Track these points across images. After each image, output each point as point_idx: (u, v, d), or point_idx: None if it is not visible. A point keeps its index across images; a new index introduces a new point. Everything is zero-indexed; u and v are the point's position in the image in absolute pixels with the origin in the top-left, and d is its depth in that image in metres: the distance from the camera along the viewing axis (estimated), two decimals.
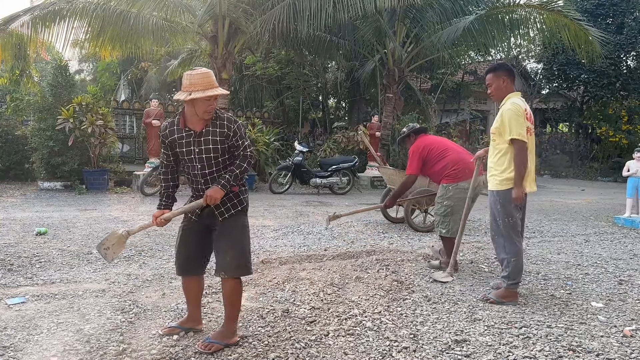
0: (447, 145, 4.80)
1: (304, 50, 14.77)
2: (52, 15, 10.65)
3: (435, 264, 4.68)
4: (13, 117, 11.79)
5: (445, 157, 4.65)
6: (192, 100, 2.70)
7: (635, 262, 5.17)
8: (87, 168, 10.42)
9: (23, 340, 2.89)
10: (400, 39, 13.54)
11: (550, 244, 6.12)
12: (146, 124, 11.18)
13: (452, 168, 4.57)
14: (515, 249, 3.66)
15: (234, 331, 2.92)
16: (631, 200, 7.89)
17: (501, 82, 3.75)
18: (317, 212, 8.28)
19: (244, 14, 11.80)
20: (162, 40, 12.64)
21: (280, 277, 4.23)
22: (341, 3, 10.90)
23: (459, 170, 4.53)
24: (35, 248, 5.15)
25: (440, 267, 4.59)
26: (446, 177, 4.59)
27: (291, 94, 17.20)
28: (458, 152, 4.71)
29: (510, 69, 3.83)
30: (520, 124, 3.55)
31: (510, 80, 3.76)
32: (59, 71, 10.84)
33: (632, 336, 3.12)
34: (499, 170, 3.67)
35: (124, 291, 3.83)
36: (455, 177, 4.54)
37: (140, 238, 5.84)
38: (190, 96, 2.67)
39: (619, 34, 17.39)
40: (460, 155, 4.66)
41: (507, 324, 3.28)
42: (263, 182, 12.03)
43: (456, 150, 4.75)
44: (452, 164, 4.58)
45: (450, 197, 4.54)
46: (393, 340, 2.98)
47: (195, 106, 2.72)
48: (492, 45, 14.33)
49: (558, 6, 11.50)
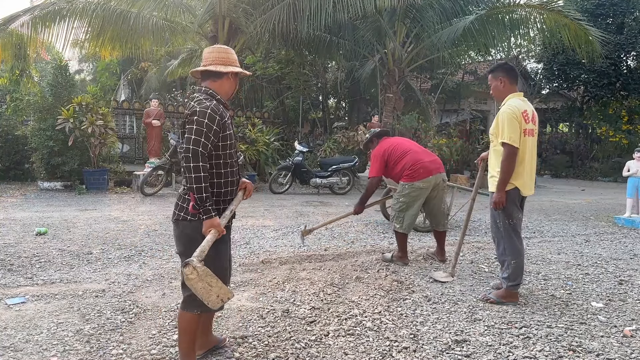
0: (407, 147, 4.95)
1: (304, 50, 14.77)
2: (52, 15, 10.65)
3: (388, 256, 4.89)
4: (13, 117, 11.78)
5: (404, 158, 4.82)
6: (233, 76, 2.48)
7: (635, 262, 5.17)
8: (87, 168, 10.42)
9: (23, 340, 2.89)
10: (400, 39, 13.54)
11: (550, 244, 6.12)
12: (146, 124, 11.18)
13: (409, 168, 4.75)
14: (516, 251, 3.65)
15: None
16: (631, 200, 7.89)
17: (499, 82, 3.72)
18: (317, 212, 8.28)
19: (244, 14, 11.80)
20: (162, 40, 12.65)
21: (280, 277, 4.24)
22: (341, 3, 10.90)
23: (415, 171, 4.72)
24: (35, 248, 5.15)
25: (391, 260, 4.83)
26: (405, 176, 4.78)
27: (291, 94, 17.20)
28: (416, 153, 4.87)
29: (510, 68, 3.77)
30: (513, 127, 3.49)
31: (509, 80, 3.71)
32: (59, 71, 10.83)
33: (632, 336, 3.12)
34: (499, 172, 3.66)
35: (124, 291, 3.83)
36: (412, 177, 4.73)
37: (140, 238, 5.84)
38: (238, 70, 2.45)
39: (619, 34, 17.38)
40: (418, 156, 4.82)
41: (507, 324, 3.28)
42: (263, 182, 12.03)
43: (415, 151, 4.89)
44: (410, 164, 4.76)
45: (406, 195, 4.75)
46: (393, 340, 2.98)
47: (230, 84, 2.49)
48: (492, 45, 14.31)
49: (558, 6, 11.48)
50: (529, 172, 3.65)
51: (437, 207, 4.91)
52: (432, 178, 4.72)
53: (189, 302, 2.40)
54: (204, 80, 2.51)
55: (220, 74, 2.44)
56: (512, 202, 3.62)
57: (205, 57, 2.50)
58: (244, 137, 11.84)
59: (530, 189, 3.69)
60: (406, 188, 4.74)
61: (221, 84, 2.48)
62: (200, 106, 2.30)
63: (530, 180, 3.67)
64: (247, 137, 11.83)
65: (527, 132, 3.58)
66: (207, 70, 2.46)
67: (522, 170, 3.60)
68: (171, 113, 15.20)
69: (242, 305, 3.55)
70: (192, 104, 2.36)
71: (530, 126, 3.62)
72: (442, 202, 4.94)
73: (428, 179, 4.69)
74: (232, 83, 2.52)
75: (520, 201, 3.71)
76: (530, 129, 3.62)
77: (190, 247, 2.30)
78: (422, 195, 4.74)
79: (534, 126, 3.66)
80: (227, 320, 3.26)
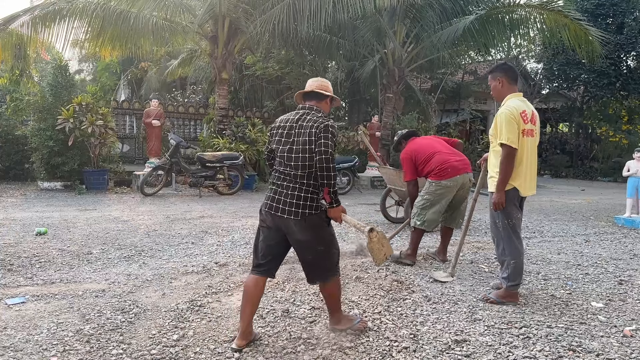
0: (434, 148, 4.96)
1: (304, 50, 14.77)
2: (52, 15, 10.65)
3: (396, 254, 4.84)
4: (13, 117, 11.78)
5: (432, 160, 4.84)
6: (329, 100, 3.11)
7: (635, 262, 5.17)
8: (87, 168, 10.42)
9: (23, 340, 2.89)
10: (400, 39, 13.54)
11: (550, 244, 6.12)
12: (146, 124, 11.17)
13: (438, 168, 4.77)
14: (516, 251, 3.64)
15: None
16: (631, 200, 7.89)
17: (497, 83, 3.71)
18: None
19: (244, 14, 11.81)
20: (162, 40, 12.65)
21: (280, 277, 4.23)
22: (341, 3, 10.89)
23: (443, 170, 4.74)
24: (35, 248, 5.15)
25: (399, 258, 4.80)
26: (432, 175, 4.81)
27: (291, 94, 17.18)
28: (444, 154, 4.89)
29: (508, 68, 3.75)
30: (511, 128, 3.46)
31: (508, 80, 3.68)
32: (59, 71, 10.84)
33: (632, 336, 3.12)
34: (497, 172, 3.66)
35: (124, 291, 3.83)
36: (440, 176, 4.74)
37: (140, 238, 5.84)
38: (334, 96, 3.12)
39: (619, 34, 17.37)
40: (446, 157, 4.84)
41: (507, 324, 3.28)
42: (263, 182, 12.02)
43: (442, 152, 4.91)
44: (438, 165, 4.78)
45: (431, 192, 4.76)
46: (393, 340, 2.98)
47: (327, 106, 3.11)
48: (492, 45, 14.31)
49: (558, 6, 11.49)
50: (529, 173, 3.63)
51: (457, 205, 4.91)
52: (460, 177, 4.72)
53: (335, 268, 3.01)
54: (307, 100, 3.07)
55: (323, 95, 3.06)
56: (511, 202, 3.61)
57: (310, 85, 3.10)
58: (244, 137, 11.84)
59: (530, 189, 3.67)
60: (432, 185, 4.75)
61: (322, 105, 3.06)
62: (328, 122, 2.88)
63: (529, 181, 3.65)
64: (247, 137, 11.82)
65: (526, 132, 3.56)
66: (314, 92, 3.06)
67: (521, 171, 3.58)
68: (171, 113, 15.21)
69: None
70: (314, 118, 2.89)
71: (530, 126, 3.59)
72: (463, 201, 4.94)
73: (455, 178, 4.70)
74: (328, 106, 3.13)
75: (519, 201, 3.69)
76: (530, 130, 3.59)
77: (319, 232, 2.90)
78: (448, 193, 4.74)
79: (533, 126, 3.63)
80: (227, 320, 3.27)
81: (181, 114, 15.64)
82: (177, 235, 6.06)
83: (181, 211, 8.03)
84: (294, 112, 3.02)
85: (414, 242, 4.84)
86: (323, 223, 2.94)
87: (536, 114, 3.71)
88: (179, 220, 7.16)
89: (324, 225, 2.95)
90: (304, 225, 2.84)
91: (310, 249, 2.90)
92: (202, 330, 3.10)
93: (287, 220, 2.85)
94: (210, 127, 13.06)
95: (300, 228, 2.84)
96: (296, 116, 2.96)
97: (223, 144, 11.36)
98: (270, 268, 2.99)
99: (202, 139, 12.69)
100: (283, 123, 2.98)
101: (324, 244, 2.92)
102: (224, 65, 12.21)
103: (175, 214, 7.67)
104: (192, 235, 6.11)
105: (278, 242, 2.96)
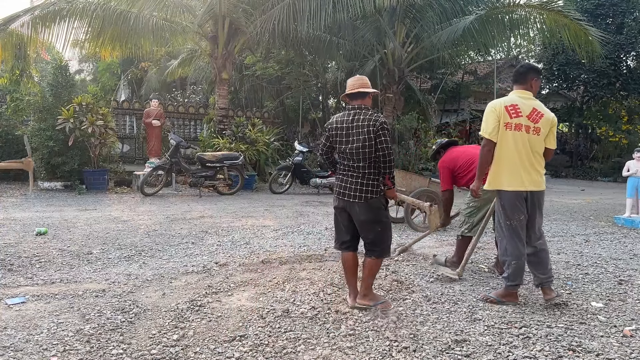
0: (473, 156, 4.76)
1: (304, 50, 14.77)
2: (52, 16, 10.66)
3: (441, 259, 4.76)
4: (13, 117, 11.78)
5: (471, 169, 4.69)
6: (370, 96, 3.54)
7: (635, 262, 5.17)
8: (87, 168, 10.42)
9: (23, 340, 2.89)
10: (400, 39, 13.54)
11: (550, 244, 6.09)
12: (146, 124, 11.18)
13: None
14: (516, 252, 3.63)
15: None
16: (631, 200, 7.89)
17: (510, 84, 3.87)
18: (317, 212, 8.28)
19: (244, 14, 11.82)
20: (162, 40, 12.66)
21: (280, 277, 4.24)
22: (341, 3, 10.91)
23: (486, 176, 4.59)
24: (35, 248, 5.15)
25: (445, 264, 4.67)
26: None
27: (291, 94, 17.20)
28: None
29: (515, 70, 3.88)
30: (488, 121, 3.64)
31: (513, 79, 3.83)
32: (59, 71, 10.83)
33: (632, 336, 3.12)
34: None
35: (124, 291, 3.83)
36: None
37: (140, 238, 5.84)
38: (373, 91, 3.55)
39: (619, 34, 17.36)
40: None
41: (507, 324, 3.29)
42: (263, 182, 12.03)
43: None
44: None
45: (477, 200, 4.59)
46: (393, 340, 2.98)
47: (370, 101, 3.55)
48: (492, 45, 14.32)
49: (558, 6, 11.50)
50: (514, 168, 3.59)
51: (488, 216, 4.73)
52: None
53: (388, 249, 3.58)
54: (353, 100, 3.52)
55: (366, 93, 3.51)
56: (508, 203, 3.61)
57: (353, 85, 3.52)
58: (244, 137, 11.84)
59: (522, 184, 3.59)
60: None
61: (366, 101, 3.52)
62: (381, 118, 3.40)
63: (520, 175, 3.58)
64: (247, 137, 11.83)
65: (512, 126, 3.57)
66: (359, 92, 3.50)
67: (505, 166, 3.60)
68: (171, 113, 15.20)
69: (242, 305, 3.56)
70: (367, 117, 3.39)
71: (519, 121, 3.57)
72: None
73: None
74: (370, 99, 3.57)
75: (522, 202, 3.64)
76: (517, 124, 3.58)
77: (378, 213, 3.47)
78: (491, 199, 4.51)
79: (529, 122, 3.59)
80: (227, 320, 3.27)
81: (181, 114, 15.64)
82: (177, 235, 6.06)
83: (181, 211, 8.03)
84: (346, 113, 3.50)
85: (460, 249, 4.63)
86: (382, 205, 3.49)
87: (540, 111, 3.64)
88: (179, 220, 7.17)
89: (382, 207, 3.50)
90: (367, 206, 3.40)
91: (371, 229, 3.44)
92: (202, 330, 3.10)
93: (352, 204, 3.43)
94: (210, 127, 13.07)
95: (363, 209, 3.41)
96: (350, 117, 3.45)
97: (223, 144, 11.36)
98: (353, 244, 3.60)
99: (202, 139, 12.70)
100: (339, 124, 3.49)
101: (382, 224, 3.47)
102: (224, 65, 12.21)
103: (175, 214, 7.67)
104: (192, 235, 6.12)
105: (351, 223, 3.53)
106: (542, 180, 3.69)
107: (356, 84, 3.52)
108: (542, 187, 3.70)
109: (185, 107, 15.98)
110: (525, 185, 3.62)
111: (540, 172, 3.69)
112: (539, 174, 3.67)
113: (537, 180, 3.66)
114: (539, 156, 3.67)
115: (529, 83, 3.74)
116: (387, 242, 3.52)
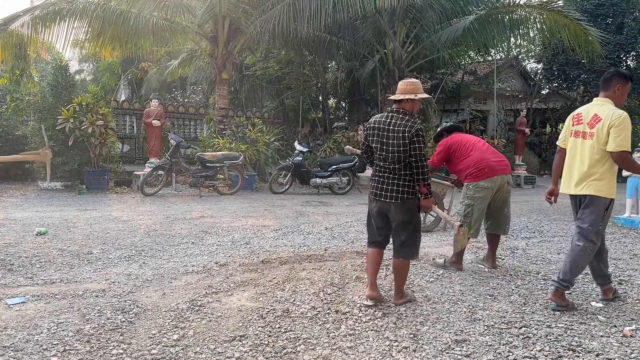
0: (474, 145, 4.75)
1: (304, 50, 14.76)
2: (52, 16, 10.65)
3: (440, 262, 4.75)
4: (13, 117, 11.77)
5: (468, 157, 4.65)
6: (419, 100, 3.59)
7: (635, 262, 5.17)
8: (87, 168, 10.41)
9: (23, 340, 2.90)
10: (400, 39, 13.53)
11: (550, 244, 6.11)
12: (146, 124, 11.17)
13: (473, 167, 4.57)
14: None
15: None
16: (631, 200, 7.89)
17: None
18: (317, 212, 8.28)
19: (244, 14, 11.81)
20: (162, 40, 12.65)
21: (280, 277, 4.24)
22: (341, 3, 10.89)
23: (480, 170, 4.55)
24: (35, 248, 5.15)
25: (444, 266, 4.66)
26: (469, 176, 4.62)
27: (291, 94, 17.18)
28: (482, 151, 4.68)
29: (602, 78, 3.80)
30: (563, 130, 3.86)
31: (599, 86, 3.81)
32: (59, 71, 10.82)
33: (632, 336, 3.13)
34: None
35: (124, 291, 3.83)
36: (476, 176, 4.55)
37: (140, 238, 5.84)
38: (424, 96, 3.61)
39: (619, 34, 17.35)
40: (483, 155, 4.64)
41: (507, 324, 3.29)
42: (263, 182, 12.02)
43: (481, 149, 4.70)
44: (474, 162, 4.59)
45: (470, 196, 4.58)
46: (393, 340, 2.98)
47: (418, 105, 3.64)
48: (492, 46, 14.32)
49: (558, 6, 11.49)
50: (568, 171, 3.73)
51: (500, 209, 4.67)
52: (498, 178, 4.51)
53: (416, 251, 3.70)
54: (399, 103, 3.57)
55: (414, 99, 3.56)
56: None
57: (399, 89, 3.58)
58: (244, 137, 11.84)
59: (566, 187, 3.73)
60: (470, 189, 4.57)
61: (405, 105, 3.56)
62: (417, 126, 3.46)
63: (567, 179, 3.73)
64: (247, 137, 11.82)
65: (574, 133, 3.70)
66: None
67: (565, 169, 3.77)
68: (171, 113, 15.20)
69: (242, 305, 3.56)
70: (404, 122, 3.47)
71: (579, 128, 3.64)
72: (506, 204, 4.68)
73: (493, 179, 4.49)
74: (419, 104, 3.65)
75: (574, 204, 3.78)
76: (576, 131, 3.66)
77: (412, 214, 3.57)
78: (488, 196, 4.53)
79: (587, 128, 3.57)
80: (227, 320, 3.27)
81: (181, 114, 15.64)
82: (177, 235, 6.06)
83: (181, 211, 8.03)
84: (384, 115, 3.59)
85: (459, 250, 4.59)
86: (417, 207, 3.59)
87: (598, 115, 3.56)
88: (179, 220, 7.17)
89: (417, 209, 3.61)
90: (403, 207, 3.50)
91: (405, 229, 3.53)
92: (202, 330, 3.10)
93: (389, 204, 3.52)
94: (210, 127, 13.06)
95: (399, 210, 3.50)
96: (387, 119, 3.54)
97: (223, 144, 11.36)
98: (382, 242, 3.70)
99: (202, 139, 12.69)
100: (376, 125, 3.57)
101: (415, 226, 3.58)
102: (224, 66, 12.20)
103: (175, 214, 7.67)
104: (192, 235, 6.12)
105: (384, 222, 3.62)
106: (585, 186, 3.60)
107: (407, 88, 3.56)
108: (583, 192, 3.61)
109: (185, 107, 15.97)
110: (569, 190, 3.74)
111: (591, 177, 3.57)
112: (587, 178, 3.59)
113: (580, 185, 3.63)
114: (592, 161, 3.55)
115: (613, 89, 3.66)
116: (417, 244, 3.63)
